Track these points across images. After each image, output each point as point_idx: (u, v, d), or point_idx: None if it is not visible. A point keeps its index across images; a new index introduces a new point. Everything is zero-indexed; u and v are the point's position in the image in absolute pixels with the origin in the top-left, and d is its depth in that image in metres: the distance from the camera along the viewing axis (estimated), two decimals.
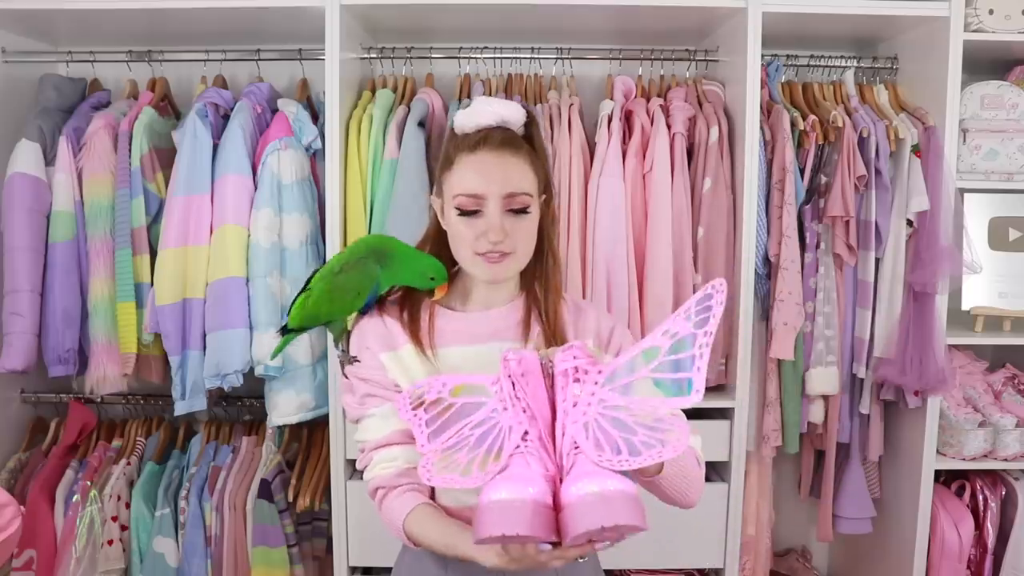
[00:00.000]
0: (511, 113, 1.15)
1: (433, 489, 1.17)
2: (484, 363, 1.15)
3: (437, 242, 1.22)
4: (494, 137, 1.13)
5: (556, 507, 0.92)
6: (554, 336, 1.18)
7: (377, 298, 1.23)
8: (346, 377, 1.22)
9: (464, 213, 1.12)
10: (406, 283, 1.21)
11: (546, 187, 1.20)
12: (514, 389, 0.98)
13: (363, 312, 1.23)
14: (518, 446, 0.96)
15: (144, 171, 1.89)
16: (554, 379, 0.98)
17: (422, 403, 1.03)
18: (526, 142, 1.17)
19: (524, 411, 0.98)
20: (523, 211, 1.13)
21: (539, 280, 1.20)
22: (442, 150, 1.19)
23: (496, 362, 1.01)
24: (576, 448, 0.95)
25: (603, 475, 0.91)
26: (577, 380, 0.97)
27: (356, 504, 1.85)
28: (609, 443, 0.94)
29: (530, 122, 1.18)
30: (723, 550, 1.93)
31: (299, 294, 1.24)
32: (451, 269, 1.23)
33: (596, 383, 0.97)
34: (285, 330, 1.28)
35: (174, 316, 1.84)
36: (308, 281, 1.24)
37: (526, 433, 0.97)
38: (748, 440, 1.95)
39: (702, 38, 2.12)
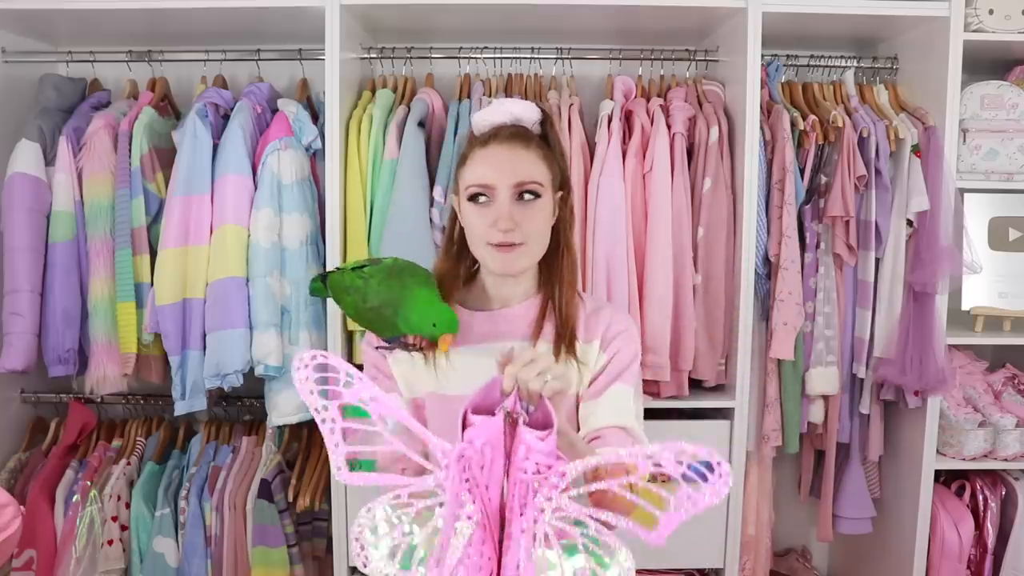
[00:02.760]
0: (524, 111, 1.18)
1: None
2: (468, 365, 1.17)
3: (458, 244, 1.24)
4: (504, 132, 1.16)
5: None
6: (565, 334, 1.18)
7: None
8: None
9: (474, 199, 1.15)
10: (416, 332, 1.18)
11: (563, 184, 1.21)
12: (467, 471, 0.89)
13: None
14: (478, 552, 0.88)
15: (144, 171, 1.89)
16: (509, 435, 0.90)
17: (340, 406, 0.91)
18: (542, 139, 1.19)
19: (473, 500, 0.89)
20: (533, 196, 1.14)
21: (555, 278, 1.21)
22: (458, 152, 1.24)
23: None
24: (520, 555, 0.88)
25: None
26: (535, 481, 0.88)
27: (356, 504, 1.85)
28: (554, 568, 0.87)
29: (545, 120, 1.21)
30: (723, 550, 1.93)
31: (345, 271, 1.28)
32: (471, 268, 1.26)
33: (556, 487, 0.88)
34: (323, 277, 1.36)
35: (174, 316, 1.84)
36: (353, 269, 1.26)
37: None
38: (748, 440, 1.95)
39: (702, 38, 2.12)
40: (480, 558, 0.89)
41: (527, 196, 1.14)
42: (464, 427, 0.91)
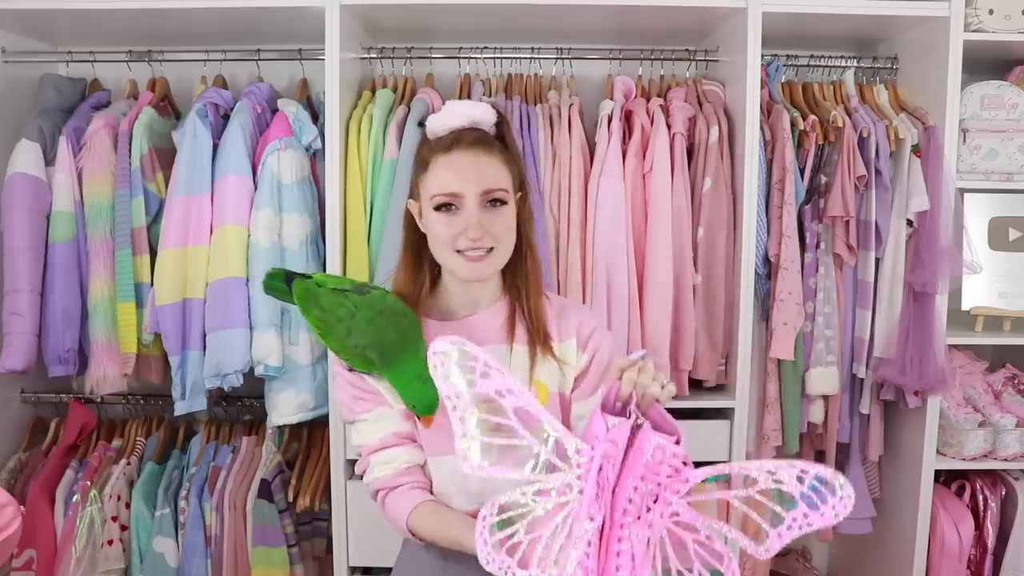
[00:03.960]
0: (481, 114, 1.17)
1: (432, 485, 1.18)
2: None
3: (416, 248, 1.22)
4: (467, 137, 1.14)
5: None
6: (538, 334, 1.18)
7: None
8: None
9: (441, 208, 1.13)
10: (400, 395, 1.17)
11: (521, 184, 1.21)
12: (599, 472, 0.88)
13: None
14: (587, 553, 0.87)
15: (144, 171, 1.89)
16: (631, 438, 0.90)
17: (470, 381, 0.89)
18: (499, 141, 1.18)
19: (599, 501, 0.88)
20: (500, 203, 1.14)
21: (519, 279, 1.21)
22: (416, 156, 1.19)
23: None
24: (632, 560, 0.88)
25: None
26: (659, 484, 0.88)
27: (356, 504, 1.85)
28: (663, 572, 0.89)
29: (501, 122, 1.19)
30: None
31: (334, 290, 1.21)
32: (434, 274, 1.23)
33: (677, 492, 0.88)
34: (289, 283, 1.25)
35: (174, 316, 1.84)
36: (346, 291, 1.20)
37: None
38: (748, 440, 1.95)
39: (702, 38, 2.12)
40: (597, 559, 0.88)
41: (495, 203, 1.13)
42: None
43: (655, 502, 0.89)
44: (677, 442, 0.90)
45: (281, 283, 1.28)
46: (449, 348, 0.89)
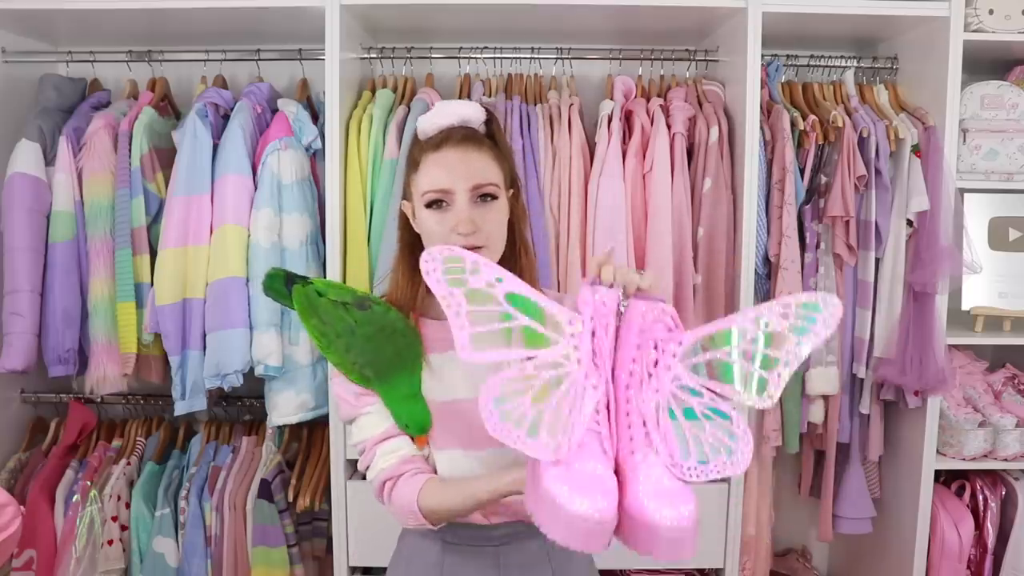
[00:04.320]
0: (471, 112, 1.17)
1: (435, 470, 1.18)
2: (473, 366, 1.15)
3: (412, 249, 1.21)
4: (456, 135, 1.15)
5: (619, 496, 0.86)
6: None
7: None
8: None
9: (432, 205, 1.13)
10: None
11: (512, 181, 1.21)
12: (593, 338, 0.88)
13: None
14: (597, 420, 0.88)
15: (144, 171, 1.89)
16: (619, 326, 0.90)
17: (459, 281, 0.91)
18: (489, 139, 1.19)
19: (597, 368, 0.88)
20: (491, 197, 1.14)
21: (515, 274, 1.20)
22: (407, 156, 1.20)
23: (485, 366, 0.96)
24: (645, 431, 0.88)
25: (679, 497, 0.84)
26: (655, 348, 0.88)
27: (356, 504, 1.85)
28: (678, 437, 0.89)
29: (490, 119, 1.20)
30: (723, 550, 1.93)
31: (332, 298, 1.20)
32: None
33: (674, 355, 0.89)
34: (290, 286, 1.23)
35: (174, 316, 1.84)
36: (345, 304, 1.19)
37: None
38: None
39: (702, 38, 2.12)
40: (609, 428, 0.89)
41: (485, 198, 1.14)
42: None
43: (655, 366, 0.89)
44: None
45: (281, 285, 1.27)
46: (436, 257, 0.91)
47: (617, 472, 0.88)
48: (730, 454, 0.89)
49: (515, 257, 1.21)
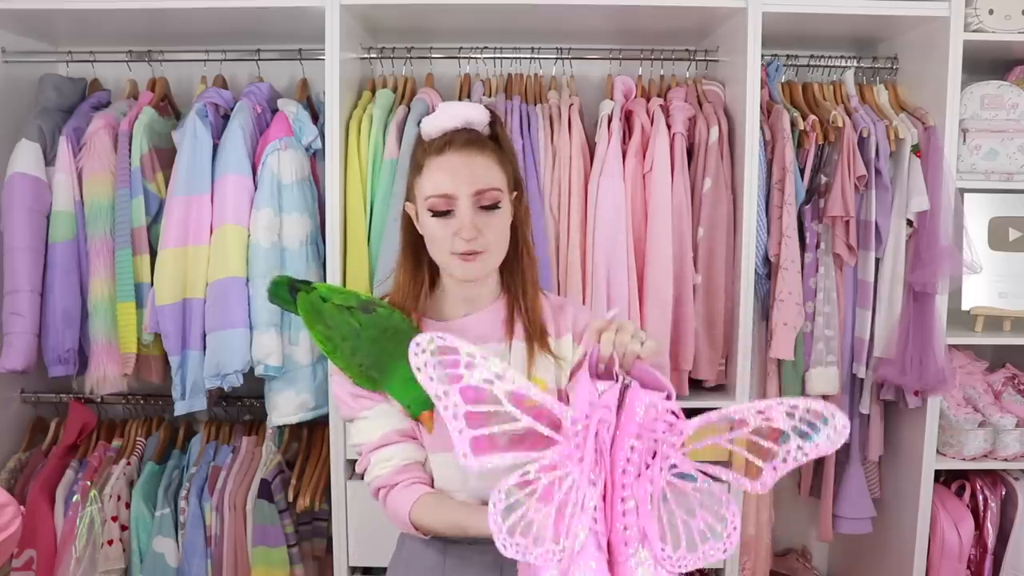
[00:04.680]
0: (475, 114, 1.17)
1: (432, 481, 1.18)
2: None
3: (415, 250, 1.22)
4: (459, 138, 1.14)
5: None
6: (535, 331, 1.19)
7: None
8: None
9: (437, 214, 1.13)
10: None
11: (516, 184, 1.21)
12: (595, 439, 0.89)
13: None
14: (595, 518, 0.89)
15: (144, 171, 1.89)
16: (621, 395, 0.90)
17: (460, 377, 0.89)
18: (492, 141, 1.18)
19: (597, 465, 0.89)
20: (494, 207, 1.14)
21: (517, 277, 1.21)
22: (411, 159, 1.20)
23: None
24: (637, 517, 0.90)
25: None
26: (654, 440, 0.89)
27: (356, 504, 1.85)
28: (670, 525, 0.90)
29: (494, 121, 1.20)
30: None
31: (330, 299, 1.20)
32: (432, 275, 1.23)
33: (673, 446, 0.90)
34: (294, 292, 1.22)
35: (174, 316, 1.84)
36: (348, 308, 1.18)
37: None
38: None
39: (702, 38, 2.12)
40: (604, 523, 0.90)
41: (488, 203, 1.13)
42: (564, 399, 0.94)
43: (653, 457, 0.90)
44: (668, 397, 0.91)
45: (285, 292, 1.26)
46: (426, 349, 0.88)
47: (610, 556, 0.89)
48: (717, 538, 0.91)
49: (517, 258, 1.21)
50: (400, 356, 1.12)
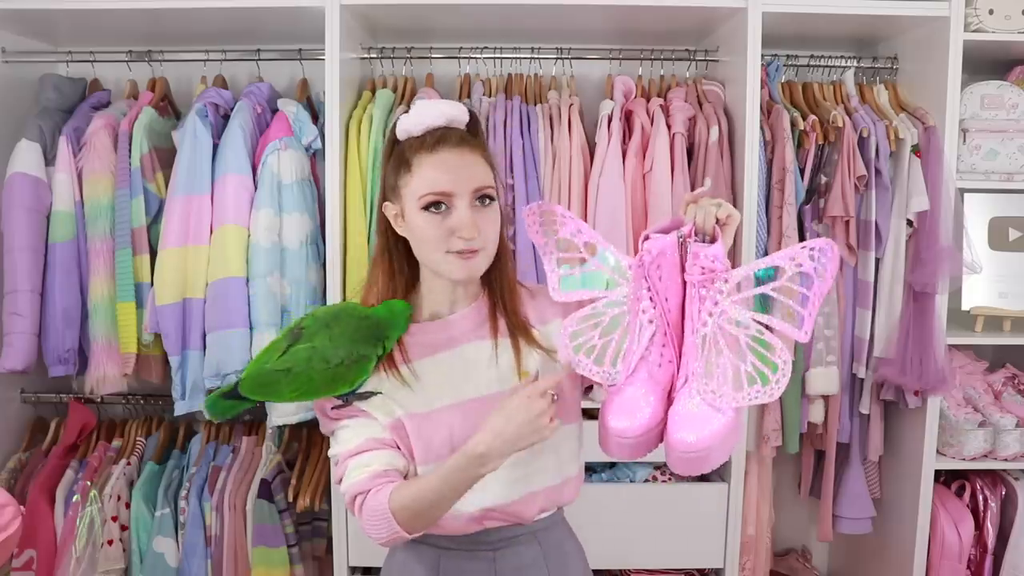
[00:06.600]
0: (456, 112, 1.14)
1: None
2: (458, 369, 1.15)
3: (393, 254, 1.18)
4: (452, 136, 1.12)
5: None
6: (518, 327, 1.18)
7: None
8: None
9: (431, 212, 1.10)
10: (393, 333, 1.15)
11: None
12: (647, 279, 1.02)
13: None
14: (648, 349, 1.04)
15: (144, 171, 1.89)
16: (683, 258, 1.01)
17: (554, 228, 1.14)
18: (476, 139, 1.16)
19: (653, 305, 1.03)
20: (489, 200, 1.12)
21: (495, 273, 1.19)
22: (395, 157, 1.15)
23: (469, 368, 1.14)
24: (689, 355, 1.01)
25: (700, 423, 0.98)
26: (704, 286, 0.99)
27: None
28: (719, 367, 0.99)
29: (474, 120, 1.18)
30: (723, 550, 1.93)
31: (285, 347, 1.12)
32: (409, 277, 1.19)
33: (721, 292, 0.99)
34: (236, 393, 1.11)
35: (174, 316, 1.84)
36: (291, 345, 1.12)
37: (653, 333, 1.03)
38: (748, 440, 1.95)
39: (702, 38, 2.12)
40: (660, 358, 1.04)
41: (484, 200, 1.12)
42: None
43: (704, 303, 1.00)
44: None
45: (226, 400, 1.14)
46: (535, 211, 1.15)
47: (671, 393, 1.04)
48: (765, 383, 0.97)
49: (498, 258, 1.18)
50: (356, 317, 1.13)
